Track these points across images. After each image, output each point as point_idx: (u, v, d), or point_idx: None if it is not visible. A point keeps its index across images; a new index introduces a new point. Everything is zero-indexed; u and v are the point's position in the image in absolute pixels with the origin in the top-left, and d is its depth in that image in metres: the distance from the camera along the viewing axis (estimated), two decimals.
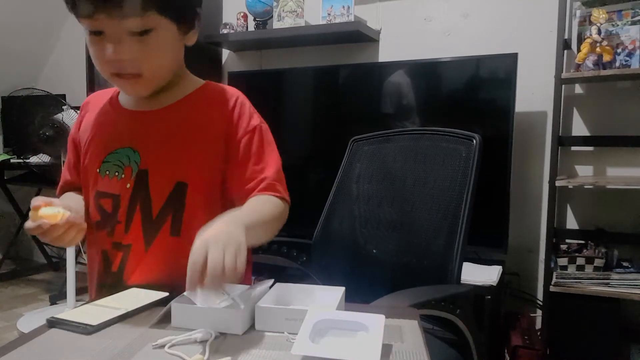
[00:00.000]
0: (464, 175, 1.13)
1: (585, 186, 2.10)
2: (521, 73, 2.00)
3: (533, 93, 2.15)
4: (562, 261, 1.91)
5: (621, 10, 1.88)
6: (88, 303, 0.79)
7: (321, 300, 0.77)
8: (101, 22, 0.80)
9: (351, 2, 2.35)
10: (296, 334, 0.63)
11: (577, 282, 1.87)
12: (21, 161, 3.07)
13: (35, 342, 0.67)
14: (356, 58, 2.56)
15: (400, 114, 2.28)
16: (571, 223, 2.18)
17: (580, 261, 1.88)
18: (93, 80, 2.77)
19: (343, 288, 0.79)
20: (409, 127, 2.15)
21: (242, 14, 2.67)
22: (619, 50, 1.85)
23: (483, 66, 2.10)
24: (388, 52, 2.50)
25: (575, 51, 1.94)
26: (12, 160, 3.23)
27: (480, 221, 1.23)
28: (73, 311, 0.75)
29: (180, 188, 0.90)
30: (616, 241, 2.01)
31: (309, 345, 0.61)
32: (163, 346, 0.65)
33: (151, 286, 0.85)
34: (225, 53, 2.93)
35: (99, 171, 0.93)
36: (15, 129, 3.24)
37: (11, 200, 3.50)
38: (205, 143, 0.91)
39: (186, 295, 0.72)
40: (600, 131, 2.11)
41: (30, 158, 2.91)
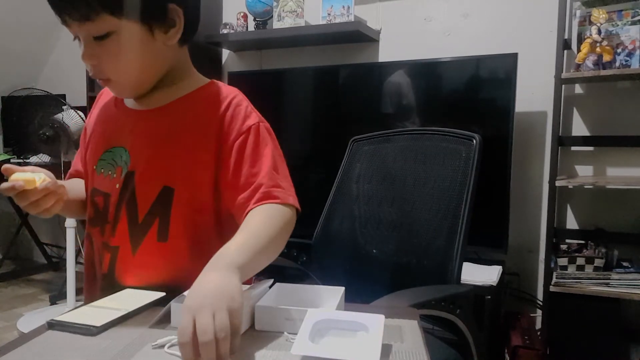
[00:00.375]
0: (464, 175, 1.13)
1: (585, 186, 2.10)
2: (521, 73, 2.00)
3: (533, 93, 2.15)
4: (562, 261, 1.91)
5: (621, 10, 1.88)
6: (85, 305, 0.78)
7: (321, 300, 0.77)
8: (73, 29, 0.80)
9: (351, 2, 2.35)
10: (296, 334, 0.63)
11: (577, 282, 1.87)
12: (21, 161, 3.08)
13: (35, 343, 0.67)
14: (356, 58, 2.56)
15: (400, 114, 2.28)
16: (571, 223, 2.18)
17: (580, 261, 1.88)
18: (93, 80, 2.73)
19: (343, 288, 0.79)
20: (409, 127, 2.15)
21: (242, 14, 2.67)
22: (619, 50, 1.85)
23: (483, 66, 2.10)
24: (388, 52, 2.50)
25: (575, 51, 1.94)
26: (12, 160, 3.23)
27: (480, 221, 1.23)
28: (72, 313, 0.74)
29: (166, 193, 0.85)
30: (616, 241, 2.02)
31: (309, 345, 0.61)
32: (163, 346, 0.64)
33: (143, 288, 0.84)
34: (225, 53, 2.93)
35: (95, 168, 0.92)
36: (15, 129, 3.24)
37: (11, 200, 3.48)
38: (195, 146, 0.86)
39: (186, 295, 0.72)
40: (600, 131, 2.12)
41: (30, 158, 2.92)
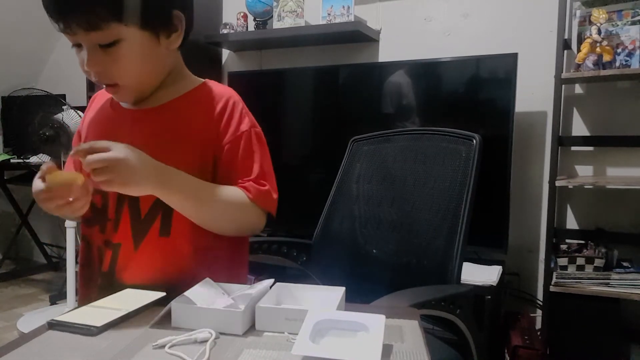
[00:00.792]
0: (464, 175, 1.13)
1: (585, 186, 2.10)
2: (521, 73, 2.00)
3: (533, 93, 2.15)
4: (562, 261, 1.91)
5: (621, 10, 1.88)
6: (85, 305, 0.78)
7: (321, 300, 0.77)
8: (75, 36, 0.82)
9: (351, 2, 2.35)
10: (296, 334, 0.63)
11: (577, 282, 1.86)
12: (21, 161, 3.08)
13: (35, 343, 0.67)
14: (356, 58, 2.56)
15: (400, 114, 2.28)
16: (571, 223, 2.18)
17: (580, 261, 1.88)
18: None
19: (343, 288, 0.79)
20: (409, 127, 2.15)
21: (242, 14, 2.67)
22: (619, 50, 1.85)
23: (483, 66, 2.10)
24: (388, 52, 2.50)
25: (575, 51, 1.94)
26: (12, 160, 3.24)
27: (480, 221, 1.23)
28: (72, 313, 0.74)
29: None
30: (616, 241, 2.01)
31: (309, 345, 0.61)
32: (163, 346, 0.64)
33: (142, 286, 0.84)
34: (225, 53, 2.93)
35: None
36: (15, 129, 3.24)
37: (11, 200, 3.50)
38: (192, 144, 0.89)
39: (186, 295, 0.72)
40: (600, 131, 2.12)
41: (30, 158, 2.91)
